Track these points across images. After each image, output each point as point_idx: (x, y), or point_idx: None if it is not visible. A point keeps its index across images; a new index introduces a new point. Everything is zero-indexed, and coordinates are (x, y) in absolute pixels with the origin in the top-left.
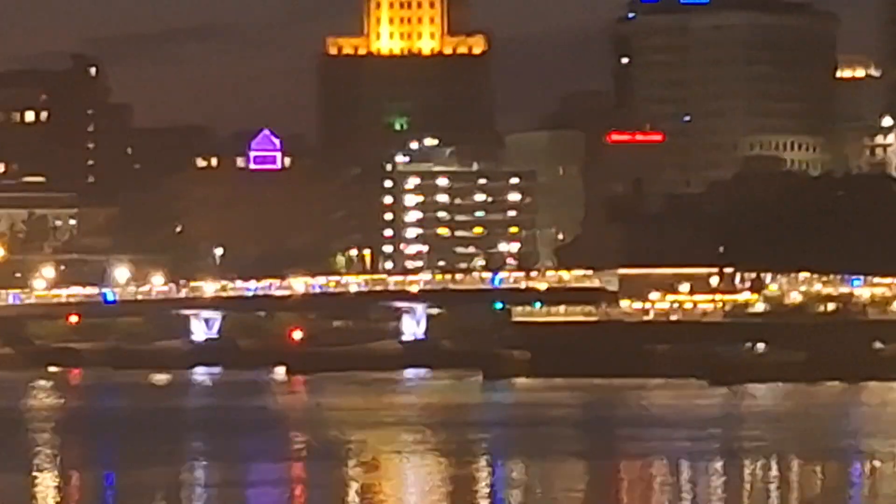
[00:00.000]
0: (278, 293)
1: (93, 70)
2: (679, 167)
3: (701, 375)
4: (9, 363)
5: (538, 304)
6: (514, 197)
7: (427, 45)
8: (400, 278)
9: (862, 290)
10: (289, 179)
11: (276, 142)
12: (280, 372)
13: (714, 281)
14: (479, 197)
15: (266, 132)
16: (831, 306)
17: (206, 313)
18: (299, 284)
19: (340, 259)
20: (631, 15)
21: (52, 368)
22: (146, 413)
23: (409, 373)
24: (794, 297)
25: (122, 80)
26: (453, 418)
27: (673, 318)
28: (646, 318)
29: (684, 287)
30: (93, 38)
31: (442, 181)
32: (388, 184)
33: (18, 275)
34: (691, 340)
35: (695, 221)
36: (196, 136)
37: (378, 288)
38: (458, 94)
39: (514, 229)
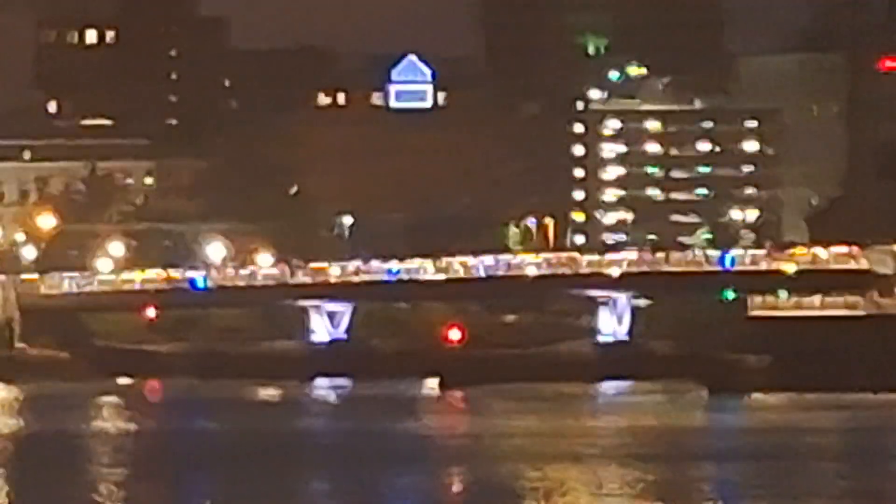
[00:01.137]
0: (428, 277)
1: None
2: None
3: None
4: (65, 372)
5: (784, 293)
6: (751, 146)
7: None
8: (595, 257)
9: None
10: (443, 122)
11: (426, 70)
12: (431, 384)
13: None
14: (703, 146)
15: (412, 57)
16: None
17: (330, 305)
18: (457, 265)
19: (513, 231)
20: None
21: (121, 379)
22: (251, 441)
23: (608, 386)
24: None
25: None
26: (669, 448)
27: None
28: None
29: None
30: None
31: (652, 124)
32: (578, 128)
33: (75, 252)
34: None
35: None
36: (317, 63)
37: (565, 270)
38: (674, 4)
39: (750, 190)
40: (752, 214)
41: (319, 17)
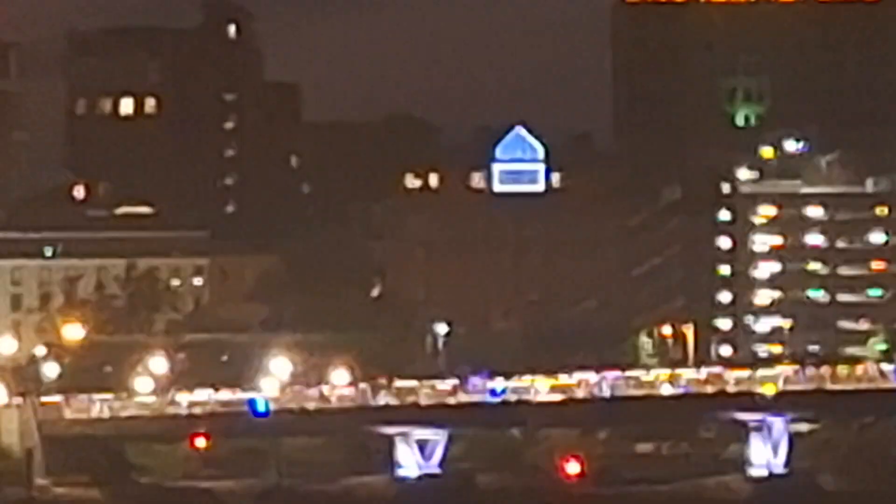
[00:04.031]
0: (542, 398)
1: (231, 28)
2: None
3: None
4: None
5: None
6: None
7: None
8: (745, 374)
9: None
10: (559, 210)
11: (538, 147)
12: None
13: None
14: (878, 237)
15: (520, 130)
16: None
17: (421, 432)
18: (577, 384)
19: (645, 341)
20: None
21: None
22: None
23: None
24: None
25: (283, 44)
26: None
27: None
28: None
29: None
30: None
31: (814, 211)
32: (724, 216)
33: (110, 368)
34: None
35: None
36: (406, 137)
37: (709, 389)
38: (841, 66)
39: None
40: None
41: (406, 82)
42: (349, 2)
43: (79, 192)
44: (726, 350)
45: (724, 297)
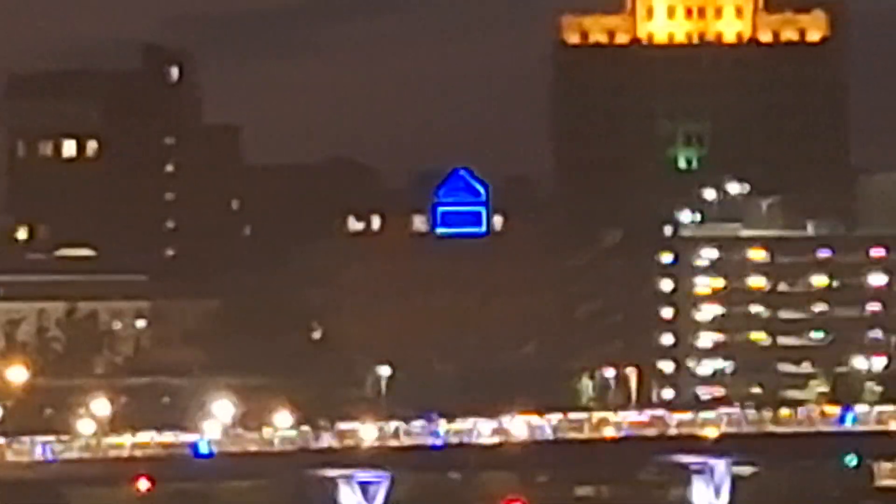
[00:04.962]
0: (483, 441)
1: (174, 70)
2: None
3: None
4: None
5: None
6: (878, 280)
7: (730, 27)
8: (687, 416)
9: None
10: (501, 252)
11: (480, 189)
12: None
13: None
14: (819, 279)
15: (462, 173)
16: None
17: (363, 475)
18: (519, 426)
19: (587, 383)
20: None
21: None
22: None
23: None
24: None
25: (224, 87)
26: None
27: None
28: None
29: None
30: (177, 18)
31: (756, 254)
32: (666, 259)
33: (51, 410)
34: None
35: None
36: (346, 180)
37: (650, 432)
38: (782, 108)
39: (876, 333)
40: (878, 363)
41: (348, 124)
42: (290, 46)
43: (21, 233)
44: (668, 393)
45: (666, 339)
